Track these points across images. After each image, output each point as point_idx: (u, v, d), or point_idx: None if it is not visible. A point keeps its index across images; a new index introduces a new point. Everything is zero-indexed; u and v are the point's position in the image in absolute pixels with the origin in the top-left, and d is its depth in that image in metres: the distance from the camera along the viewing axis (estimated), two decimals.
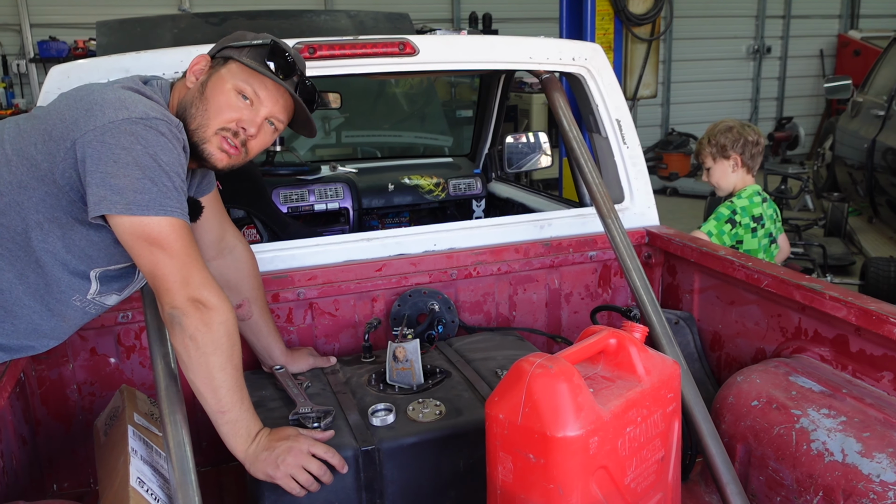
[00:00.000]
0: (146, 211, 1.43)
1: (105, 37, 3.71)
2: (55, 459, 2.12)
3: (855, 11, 11.57)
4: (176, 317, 1.46)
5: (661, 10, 5.25)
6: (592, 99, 2.52)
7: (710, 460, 1.80)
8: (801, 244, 5.94)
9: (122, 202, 1.42)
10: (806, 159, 10.73)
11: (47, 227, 1.53)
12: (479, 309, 2.45)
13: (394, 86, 5.88)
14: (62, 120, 1.47)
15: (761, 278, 2.09)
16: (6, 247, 1.53)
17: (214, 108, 1.59)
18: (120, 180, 1.41)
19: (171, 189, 1.46)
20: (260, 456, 1.55)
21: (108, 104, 1.45)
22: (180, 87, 1.66)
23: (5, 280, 1.56)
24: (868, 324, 1.77)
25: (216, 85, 1.60)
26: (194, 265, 1.48)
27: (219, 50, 1.66)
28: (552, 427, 1.32)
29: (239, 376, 1.54)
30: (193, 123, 1.60)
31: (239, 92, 1.61)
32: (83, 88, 1.55)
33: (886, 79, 6.36)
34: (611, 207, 2.15)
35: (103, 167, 1.42)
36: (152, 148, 1.44)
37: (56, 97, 1.60)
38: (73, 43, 8.17)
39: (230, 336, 1.51)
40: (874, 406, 1.72)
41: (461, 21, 9.55)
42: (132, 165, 1.42)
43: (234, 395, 1.53)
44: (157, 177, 1.44)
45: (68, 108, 1.49)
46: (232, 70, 1.61)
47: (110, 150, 1.41)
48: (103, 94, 1.48)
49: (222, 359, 1.50)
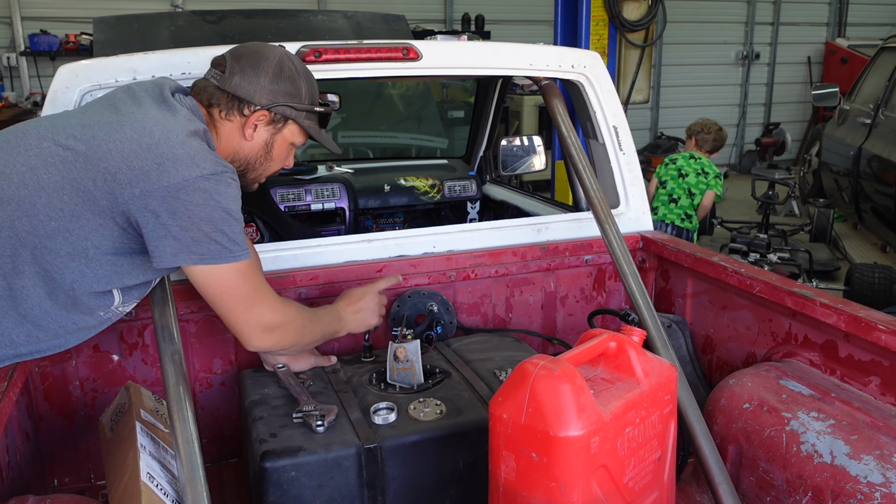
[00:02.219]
0: (217, 261, 1.56)
1: (102, 33, 3.72)
2: (57, 455, 2.14)
3: (842, 19, 11.71)
4: (258, 346, 1.75)
5: (655, 16, 5.32)
6: (590, 106, 2.57)
7: (702, 461, 1.85)
8: (787, 249, 6.02)
9: (197, 254, 1.54)
10: (793, 165, 10.86)
11: (91, 254, 1.57)
12: (477, 310, 2.49)
13: (390, 88, 5.91)
14: (129, 167, 1.49)
15: (753, 284, 2.15)
16: (44, 267, 1.56)
17: (276, 164, 1.83)
18: (194, 233, 1.52)
19: (238, 234, 1.59)
20: (351, 324, 2.01)
21: (180, 161, 1.51)
22: (234, 135, 1.74)
23: (35, 296, 1.58)
24: (857, 330, 1.83)
25: (281, 146, 1.80)
26: (259, 300, 1.69)
27: (274, 102, 1.71)
28: (555, 427, 1.37)
29: (316, 325, 1.89)
30: (253, 175, 1.81)
31: (292, 146, 1.85)
32: (146, 133, 1.53)
33: (873, 87, 6.47)
34: (608, 213, 2.19)
35: (178, 222, 1.51)
36: (224, 201, 1.55)
37: (106, 126, 1.55)
38: (65, 37, 8.12)
39: (300, 329, 1.82)
40: (862, 410, 1.78)
41: (453, 22, 9.58)
42: (205, 221, 1.52)
43: (323, 330, 1.92)
44: (227, 227, 1.56)
45: (135, 155, 1.50)
46: (293, 131, 1.80)
47: (185, 207, 1.50)
48: (173, 148, 1.52)
49: (305, 336, 1.85)
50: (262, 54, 1.70)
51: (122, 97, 1.64)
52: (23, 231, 1.53)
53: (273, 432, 1.77)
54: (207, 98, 1.69)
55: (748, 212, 8.09)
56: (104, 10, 5.43)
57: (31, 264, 1.55)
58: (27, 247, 1.54)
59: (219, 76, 1.69)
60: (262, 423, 1.82)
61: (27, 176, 1.53)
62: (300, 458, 1.69)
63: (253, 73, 1.67)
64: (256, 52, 1.70)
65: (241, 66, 1.68)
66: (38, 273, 1.56)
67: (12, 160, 1.55)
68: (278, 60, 1.70)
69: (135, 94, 1.64)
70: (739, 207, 8.56)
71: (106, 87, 2.02)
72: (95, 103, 1.67)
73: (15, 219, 1.52)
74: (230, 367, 2.24)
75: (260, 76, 1.68)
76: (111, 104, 1.63)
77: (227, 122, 1.71)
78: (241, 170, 1.77)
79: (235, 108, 1.69)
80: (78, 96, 2.01)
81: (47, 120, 1.64)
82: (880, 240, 6.41)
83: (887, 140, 5.73)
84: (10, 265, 1.54)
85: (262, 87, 1.68)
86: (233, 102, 1.69)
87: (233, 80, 1.67)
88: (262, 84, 1.68)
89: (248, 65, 1.68)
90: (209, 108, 1.70)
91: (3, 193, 1.53)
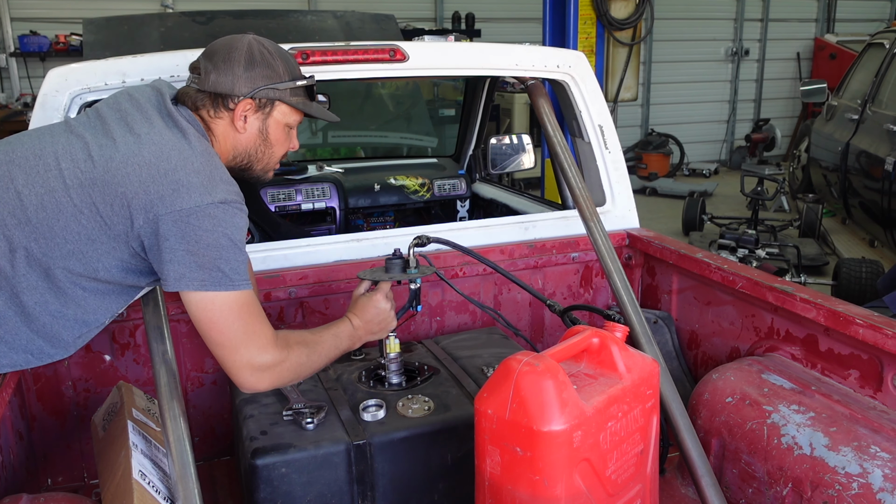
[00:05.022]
0: (217, 287, 1.56)
1: (92, 34, 3.73)
2: (50, 454, 2.16)
3: (831, 15, 11.77)
4: (252, 386, 1.64)
5: (643, 14, 5.35)
6: (576, 105, 2.60)
7: (686, 454, 1.88)
8: (775, 245, 6.07)
9: (199, 280, 1.54)
10: (782, 161, 10.92)
11: (101, 275, 1.60)
12: (465, 308, 2.52)
13: (380, 87, 5.93)
14: (146, 192, 1.52)
15: (736, 280, 2.18)
16: (57, 285, 1.59)
17: (278, 148, 1.81)
18: (199, 258, 1.53)
19: (241, 265, 1.59)
20: (368, 338, 1.90)
21: (195, 188, 1.53)
22: (228, 131, 1.74)
23: (48, 313, 1.60)
24: (836, 324, 1.87)
25: (276, 129, 1.78)
26: (251, 339, 1.61)
27: (255, 88, 1.70)
28: (538, 421, 1.40)
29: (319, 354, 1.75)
30: (260, 165, 1.81)
31: (289, 127, 1.82)
32: (164, 158, 1.55)
33: (861, 83, 6.51)
34: (593, 210, 2.23)
35: (186, 246, 1.52)
36: (230, 230, 1.57)
37: (124, 147, 1.56)
38: (54, 37, 8.10)
39: (297, 367, 1.69)
40: (841, 402, 1.82)
41: (444, 21, 9.59)
42: (212, 247, 1.54)
43: (328, 355, 1.78)
44: (232, 256, 1.57)
45: (153, 180, 1.52)
46: (283, 111, 1.77)
47: (194, 232, 1.52)
48: (189, 176, 1.54)
49: (305, 370, 1.71)
50: (231, 46, 1.71)
51: (129, 110, 1.63)
52: (38, 252, 1.55)
53: (263, 430, 1.80)
54: (193, 103, 1.71)
55: (738, 208, 8.14)
56: (94, 11, 5.43)
57: (44, 280, 1.58)
58: (42, 266, 1.57)
59: (197, 79, 1.71)
60: (253, 420, 1.84)
61: (46, 199, 1.55)
62: (290, 455, 1.72)
63: (226, 66, 1.69)
64: (225, 45, 1.72)
65: (214, 63, 1.69)
66: (51, 290, 1.59)
67: (31, 181, 1.56)
68: (247, 48, 1.71)
69: (141, 107, 1.64)
70: (729, 203, 8.62)
71: (96, 91, 2.04)
72: (106, 115, 1.65)
73: (31, 241, 1.55)
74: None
75: (234, 67, 1.69)
76: (122, 119, 1.62)
77: (218, 121, 1.73)
78: (246, 164, 1.79)
79: (220, 104, 1.70)
80: (67, 100, 2.03)
81: (62, 135, 1.63)
82: (868, 234, 6.46)
83: (874, 136, 5.77)
84: (24, 283, 1.57)
85: (238, 77, 1.69)
86: (216, 100, 1.70)
87: (209, 78, 1.69)
88: (237, 74, 1.69)
89: (220, 60, 1.70)
90: (199, 112, 1.72)
91: (22, 216, 1.55)
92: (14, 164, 1.58)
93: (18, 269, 1.56)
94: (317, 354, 1.73)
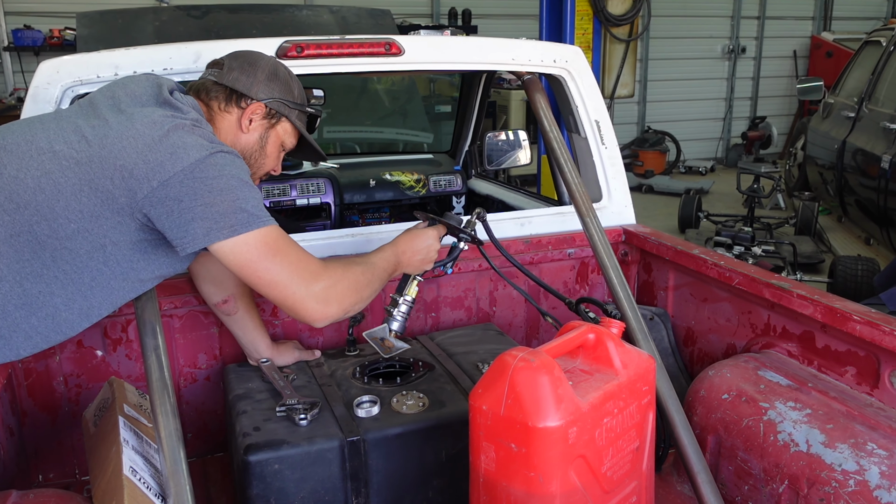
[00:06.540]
0: (248, 228, 1.55)
1: (86, 28, 3.71)
2: (41, 450, 2.15)
3: (828, 13, 11.77)
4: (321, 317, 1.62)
5: (640, 10, 5.34)
6: (572, 100, 2.58)
7: (682, 451, 1.87)
8: (771, 242, 6.07)
9: (227, 227, 1.53)
10: (778, 158, 10.91)
11: (109, 251, 1.59)
12: (461, 304, 2.51)
13: (376, 83, 5.90)
14: (145, 161, 1.51)
15: (733, 276, 2.17)
16: (63, 269, 1.57)
17: (269, 161, 1.85)
18: (218, 206, 1.52)
19: (259, 202, 1.59)
20: (408, 268, 1.91)
21: (190, 146, 1.53)
22: (232, 127, 1.77)
23: (51, 305, 1.59)
24: (833, 321, 1.86)
25: (273, 143, 1.83)
26: (298, 265, 1.60)
27: (271, 97, 1.77)
28: (533, 418, 1.38)
29: (372, 273, 1.75)
30: (251, 169, 1.79)
31: (282, 148, 1.88)
32: (156, 126, 1.55)
33: (857, 81, 6.51)
34: (589, 206, 2.21)
35: (201, 200, 1.51)
36: (236, 171, 1.58)
37: (116, 124, 1.56)
38: (49, 32, 8.06)
39: (355, 286, 1.68)
40: (838, 399, 1.81)
41: (440, 17, 9.57)
42: (225, 191, 1.53)
43: (381, 278, 1.78)
44: (248, 194, 1.57)
45: (149, 148, 1.52)
46: (285, 129, 1.84)
47: (203, 184, 1.52)
48: (182, 137, 1.54)
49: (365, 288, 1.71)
50: (259, 56, 1.82)
51: (122, 97, 1.64)
52: (42, 235, 1.54)
53: (257, 426, 1.78)
54: (206, 93, 1.76)
55: (734, 205, 8.15)
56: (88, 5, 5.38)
57: (50, 267, 1.56)
58: (47, 249, 1.55)
59: (217, 73, 1.77)
60: (246, 416, 1.83)
61: (43, 180, 1.53)
62: (283, 451, 1.70)
63: (251, 69, 1.77)
64: (253, 55, 1.81)
65: (239, 63, 1.77)
66: (58, 276, 1.57)
67: (26, 164, 1.55)
68: (273, 63, 1.82)
69: (135, 94, 1.65)
70: (725, 201, 8.62)
71: (88, 83, 2.02)
72: (98, 102, 1.65)
73: (34, 223, 1.53)
74: (215, 361, 2.25)
75: (257, 73, 1.77)
76: (114, 104, 1.62)
77: (226, 115, 1.76)
78: None
79: (234, 100, 1.76)
80: (59, 92, 2.01)
81: (53, 122, 1.63)
82: (864, 232, 6.46)
83: (870, 134, 5.77)
84: (29, 269, 1.55)
85: (258, 81, 1.76)
86: (231, 95, 1.75)
87: (231, 74, 1.75)
88: (258, 79, 1.76)
89: (245, 63, 1.78)
90: (208, 102, 1.76)
91: (20, 199, 1.53)
92: (6, 151, 1.57)
93: (23, 255, 1.54)
94: (370, 272, 1.74)
